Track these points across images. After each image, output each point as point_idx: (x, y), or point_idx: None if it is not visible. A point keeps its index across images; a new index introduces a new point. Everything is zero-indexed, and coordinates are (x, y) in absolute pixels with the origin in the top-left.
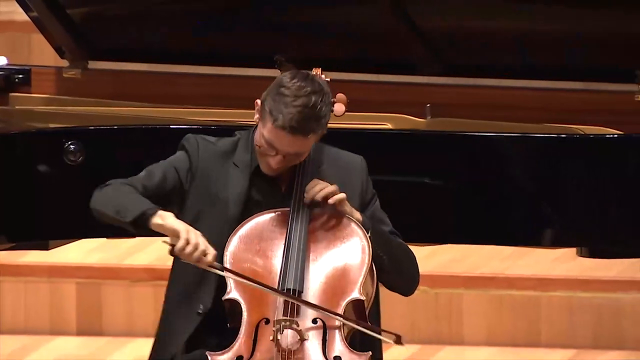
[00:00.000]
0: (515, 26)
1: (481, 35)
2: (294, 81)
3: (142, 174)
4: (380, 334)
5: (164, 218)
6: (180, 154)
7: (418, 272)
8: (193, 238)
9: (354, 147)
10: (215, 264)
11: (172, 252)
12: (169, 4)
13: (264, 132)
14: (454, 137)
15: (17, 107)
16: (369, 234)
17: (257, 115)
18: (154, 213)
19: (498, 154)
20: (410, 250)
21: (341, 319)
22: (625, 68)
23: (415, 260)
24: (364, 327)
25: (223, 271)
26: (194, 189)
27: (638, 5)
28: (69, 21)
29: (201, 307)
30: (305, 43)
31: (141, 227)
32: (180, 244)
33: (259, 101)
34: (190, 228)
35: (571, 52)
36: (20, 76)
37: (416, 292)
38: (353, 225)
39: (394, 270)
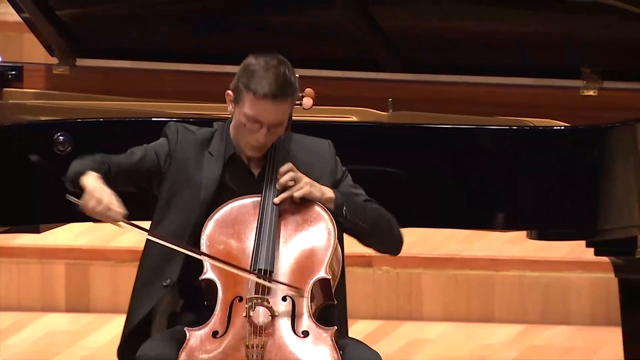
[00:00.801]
0: (470, 27)
1: (439, 35)
2: (258, 59)
3: (125, 154)
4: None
5: (86, 180)
6: (161, 139)
7: (399, 231)
8: (97, 194)
9: (323, 137)
10: (119, 218)
11: (80, 208)
12: (151, 6)
13: (245, 110)
14: (414, 129)
15: (10, 101)
16: (343, 209)
17: (230, 107)
18: (86, 173)
19: (454, 144)
20: (388, 212)
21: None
22: (571, 65)
23: (395, 221)
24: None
25: (198, 254)
26: (171, 172)
27: (581, 10)
28: (58, 22)
29: (168, 280)
30: (278, 42)
31: (75, 185)
32: (84, 198)
33: (229, 92)
34: (101, 187)
35: (522, 51)
36: (13, 72)
37: (379, 272)
38: (320, 210)
39: (375, 234)
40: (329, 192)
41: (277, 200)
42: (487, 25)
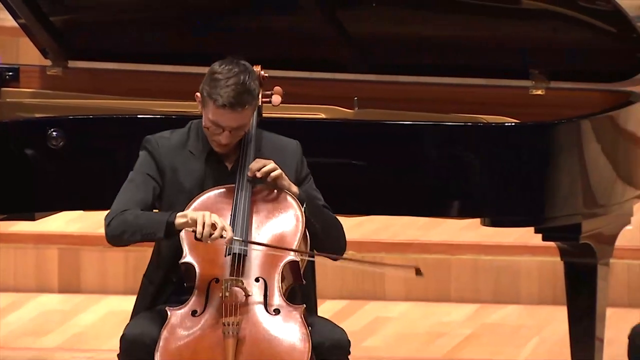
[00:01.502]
0: (430, 31)
1: (402, 38)
2: (222, 67)
3: (127, 194)
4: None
5: (186, 216)
6: (144, 157)
7: (345, 239)
8: (208, 219)
9: (293, 134)
10: (238, 239)
11: (196, 238)
12: (136, 13)
13: (209, 116)
14: (378, 125)
15: (7, 99)
16: (304, 206)
17: (200, 106)
18: (174, 218)
19: (415, 139)
20: (339, 221)
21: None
22: (521, 67)
23: (343, 230)
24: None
25: (246, 245)
26: (166, 183)
27: (530, 15)
28: (52, 27)
29: (175, 277)
30: (252, 45)
31: (172, 234)
32: (199, 228)
33: (198, 94)
34: (206, 212)
35: (476, 53)
36: (10, 73)
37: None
38: (289, 198)
39: (325, 237)
40: (294, 187)
41: (250, 173)
42: (446, 30)
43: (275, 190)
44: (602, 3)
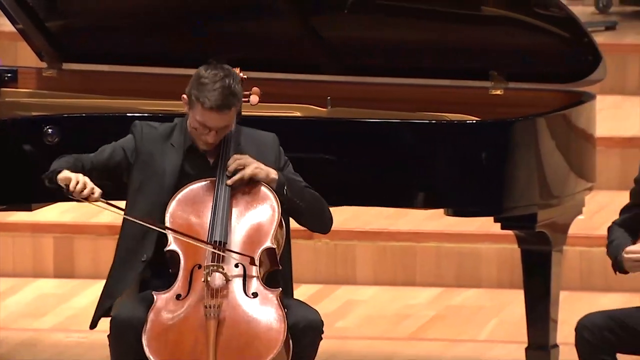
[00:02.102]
0: (398, 36)
1: (371, 42)
2: (208, 71)
3: (97, 152)
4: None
5: (65, 172)
6: (129, 136)
7: (330, 212)
8: (81, 180)
9: (270, 131)
10: (101, 200)
11: (66, 193)
12: (125, 19)
13: (196, 117)
14: (349, 123)
15: (6, 99)
16: (285, 187)
17: (186, 107)
18: (61, 171)
19: (383, 136)
20: (321, 197)
21: (255, 260)
22: (482, 69)
23: (326, 205)
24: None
25: (163, 229)
26: (139, 163)
27: (490, 22)
28: (47, 32)
29: (145, 256)
30: (233, 48)
31: (52, 182)
32: (72, 184)
33: (185, 96)
34: (80, 175)
35: (440, 57)
36: (9, 75)
37: (319, 243)
38: (266, 191)
39: (310, 213)
40: (273, 174)
41: (230, 182)
42: (412, 35)
43: (253, 183)
44: (556, 10)
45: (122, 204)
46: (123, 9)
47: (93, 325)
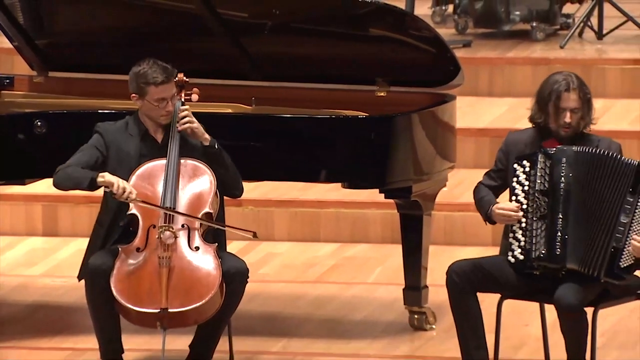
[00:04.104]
0: (305, 51)
1: (286, 56)
2: (141, 66)
3: (77, 156)
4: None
5: (104, 177)
6: (96, 136)
7: (242, 184)
8: (121, 185)
9: (208, 123)
10: (137, 199)
11: (112, 195)
12: (97, 37)
13: (153, 97)
14: (269, 117)
15: (5, 100)
16: (216, 145)
17: (138, 103)
18: (97, 176)
19: (295, 128)
20: (236, 169)
21: (199, 220)
22: (370, 76)
23: (239, 175)
24: (220, 225)
25: (141, 203)
26: (110, 155)
27: (375, 40)
28: (36, 48)
29: (121, 222)
30: (179, 60)
31: (93, 187)
32: (114, 189)
33: (133, 94)
34: (120, 179)
35: (338, 66)
36: (7, 81)
37: (246, 210)
38: (205, 168)
39: (230, 179)
40: (207, 135)
41: (179, 127)
42: (316, 50)
43: (195, 163)
44: (426, 32)
45: None
46: (95, 30)
47: (80, 277)
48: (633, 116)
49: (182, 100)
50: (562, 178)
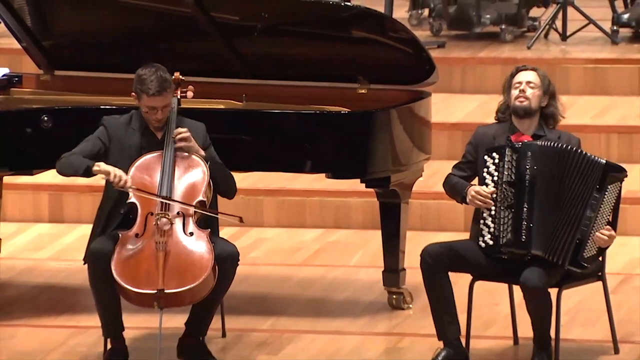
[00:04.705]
0: (293, 51)
1: (274, 56)
2: (144, 70)
3: (82, 145)
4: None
5: (99, 166)
6: (101, 128)
7: (235, 183)
8: (117, 173)
9: (202, 118)
10: (132, 186)
11: (110, 182)
12: (98, 39)
13: (145, 104)
14: (259, 113)
15: (15, 96)
16: (209, 162)
17: (137, 101)
18: (92, 165)
19: (282, 122)
20: (230, 173)
21: (193, 207)
22: (352, 75)
23: (233, 178)
24: (211, 212)
25: (137, 191)
26: (112, 147)
27: (357, 42)
28: (43, 49)
29: (122, 210)
30: (176, 59)
31: (89, 174)
32: (111, 178)
33: (133, 93)
34: (115, 168)
35: (323, 66)
36: (16, 79)
37: (237, 198)
38: (199, 160)
39: (222, 184)
40: (201, 151)
41: (177, 145)
42: (303, 50)
43: (190, 155)
44: (404, 33)
45: None
46: (97, 32)
47: (86, 260)
48: (594, 112)
49: (179, 97)
50: (528, 170)
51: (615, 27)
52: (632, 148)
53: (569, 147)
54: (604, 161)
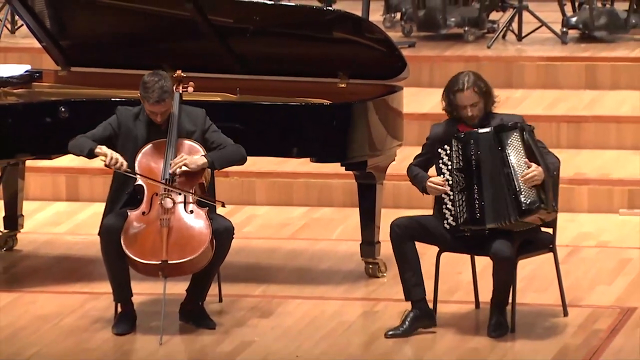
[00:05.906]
0: (280, 50)
1: (265, 54)
2: (149, 77)
3: (94, 130)
4: (213, 201)
5: (101, 148)
6: (114, 116)
7: (244, 152)
8: (114, 156)
9: (203, 108)
10: (129, 170)
11: (105, 165)
12: (109, 39)
13: (148, 108)
14: (251, 104)
15: (36, 90)
16: (214, 165)
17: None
18: (95, 147)
19: (272, 113)
20: (237, 147)
21: (190, 193)
22: (333, 71)
23: (241, 149)
24: (204, 198)
25: (135, 175)
26: (121, 135)
27: (337, 42)
28: (61, 48)
29: (128, 190)
30: (177, 57)
31: (91, 155)
32: (107, 159)
33: (139, 93)
34: (113, 151)
35: (307, 63)
36: (37, 75)
37: (232, 180)
38: (198, 147)
39: (232, 164)
40: (201, 161)
41: (171, 170)
42: (290, 49)
43: (191, 143)
44: (379, 34)
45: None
46: (108, 33)
47: (99, 234)
48: (546, 103)
49: (180, 92)
50: (472, 156)
51: (564, 29)
52: (579, 135)
53: (492, 129)
54: (491, 128)
